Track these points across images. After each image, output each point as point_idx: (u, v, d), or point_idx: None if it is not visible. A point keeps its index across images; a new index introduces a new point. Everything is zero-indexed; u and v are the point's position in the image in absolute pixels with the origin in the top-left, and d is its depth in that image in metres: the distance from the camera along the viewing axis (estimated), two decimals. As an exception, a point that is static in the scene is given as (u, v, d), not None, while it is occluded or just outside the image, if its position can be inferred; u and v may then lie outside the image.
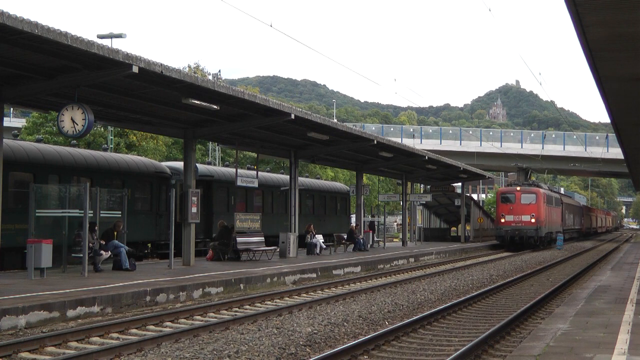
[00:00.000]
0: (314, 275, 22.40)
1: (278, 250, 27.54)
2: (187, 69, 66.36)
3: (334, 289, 20.25)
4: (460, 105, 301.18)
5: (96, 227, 19.69)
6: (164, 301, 15.68)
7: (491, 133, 72.17)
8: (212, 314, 14.67)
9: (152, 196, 26.84)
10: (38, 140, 27.15)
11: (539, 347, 9.41)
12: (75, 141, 25.47)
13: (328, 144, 28.78)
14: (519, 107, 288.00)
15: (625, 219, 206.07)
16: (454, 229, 62.30)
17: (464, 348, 10.43)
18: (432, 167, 40.73)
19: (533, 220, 45.59)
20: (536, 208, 45.97)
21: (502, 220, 46.15)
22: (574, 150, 64.60)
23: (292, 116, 22.00)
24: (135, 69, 15.28)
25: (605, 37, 13.21)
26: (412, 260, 32.01)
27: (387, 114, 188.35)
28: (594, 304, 14.27)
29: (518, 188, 47.29)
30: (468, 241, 50.53)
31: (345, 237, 34.57)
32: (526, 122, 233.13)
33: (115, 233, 20.47)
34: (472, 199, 59.08)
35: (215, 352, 10.16)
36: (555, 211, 52.58)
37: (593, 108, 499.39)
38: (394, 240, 56.03)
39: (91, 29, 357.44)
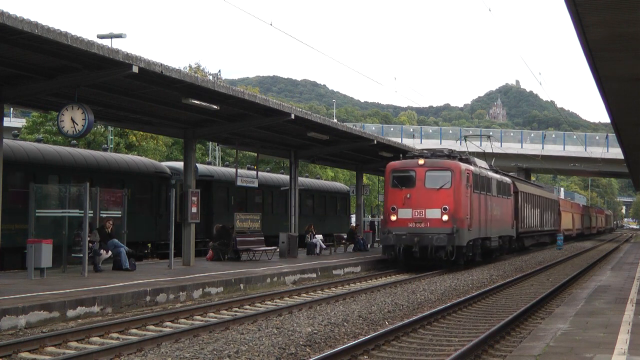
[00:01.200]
0: (314, 275, 22.40)
1: (278, 250, 27.54)
2: (188, 69, 66.40)
3: (334, 289, 20.24)
4: (460, 105, 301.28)
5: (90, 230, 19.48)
6: (164, 301, 15.68)
7: (491, 133, 72.21)
8: (212, 314, 14.66)
9: (152, 196, 26.84)
10: (38, 140, 27.17)
11: (539, 347, 9.41)
12: (75, 141, 25.48)
13: (328, 144, 28.78)
14: (519, 107, 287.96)
15: (625, 219, 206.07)
16: None
17: (464, 348, 10.43)
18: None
19: (445, 217, 25.83)
20: (451, 196, 26.15)
21: (392, 219, 26.30)
22: (574, 150, 64.62)
23: (292, 116, 22.00)
24: (135, 69, 15.30)
25: (605, 37, 13.21)
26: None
27: (387, 114, 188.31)
28: (594, 304, 14.26)
29: (421, 161, 26.69)
30: None
31: (345, 237, 34.57)
32: (526, 122, 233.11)
33: (107, 231, 20.40)
34: None
35: (215, 352, 10.16)
36: (500, 204, 32.45)
37: (593, 108, 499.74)
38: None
39: (91, 29, 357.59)
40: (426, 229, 25.75)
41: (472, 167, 27.87)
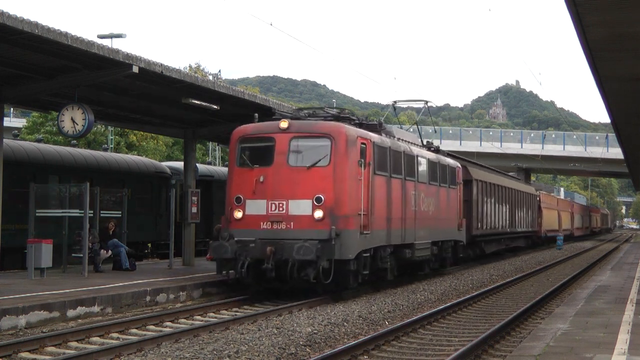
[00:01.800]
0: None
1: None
2: (188, 69, 66.43)
3: (334, 289, 20.20)
4: (460, 105, 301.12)
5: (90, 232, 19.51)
6: (164, 301, 15.68)
7: (491, 133, 72.30)
8: (212, 314, 14.66)
9: (152, 196, 26.84)
10: (38, 140, 27.20)
11: (539, 347, 9.41)
12: (75, 141, 25.49)
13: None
14: (519, 107, 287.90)
15: (625, 219, 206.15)
16: None
17: (464, 348, 10.44)
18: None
19: (319, 213, 16.09)
20: (330, 179, 16.38)
21: (237, 216, 16.67)
22: (574, 150, 64.70)
23: (292, 116, 21.99)
24: (135, 69, 15.32)
25: (605, 37, 13.23)
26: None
27: (387, 114, 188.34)
28: (594, 304, 14.28)
29: (284, 124, 16.81)
30: None
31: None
32: (526, 122, 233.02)
33: (109, 232, 20.45)
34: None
35: (215, 352, 10.16)
36: (436, 195, 22.59)
37: (593, 108, 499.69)
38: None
39: (91, 29, 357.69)
40: (288, 233, 16.07)
41: (373, 136, 17.74)
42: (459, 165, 25.99)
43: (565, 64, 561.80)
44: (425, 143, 23.98)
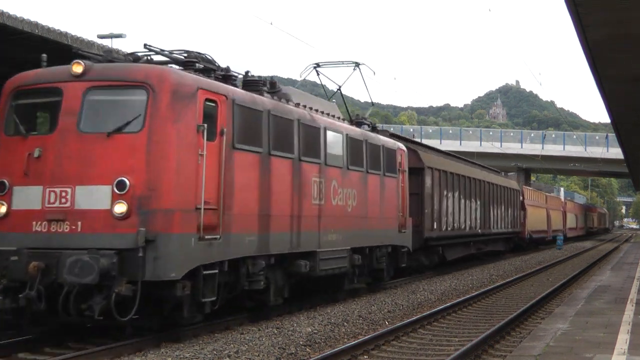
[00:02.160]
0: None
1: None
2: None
3: (334, 289, 20.18)
4: (460, 105, 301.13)
5: None
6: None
7: (491, 133, 72.32)
8: (211, 314, 14.61)
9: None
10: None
11: (539, 347, 9.42)
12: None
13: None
14: (519, 107, 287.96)
15: (625, 219, 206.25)
16: None
17: (464, 348, 10.44)
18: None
19: (120, 207, 9.99)
20: (141, 151, 10.23)
21: None
22: (574, 150, 64.72)
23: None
24: (135, 69, 15.30)
25: (605, 37, 13.24)
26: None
27: (387, 114, 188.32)
28: (593, 304, 14.29)
29: (77, 68, 10.60)
30: None
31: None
32: (526, 122, 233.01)
33: None
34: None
35: (215, 352, 10.16)
36: (361, 185, 16.53)
37: (593, 108, 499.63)
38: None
39: (91, 29, 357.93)
40: (72, 239, 10.26)
41: (232, 91, 11.96)
42: (403, 148, 19.93)
43: (565, 64, 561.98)
44: (355, 118, 18.80)
